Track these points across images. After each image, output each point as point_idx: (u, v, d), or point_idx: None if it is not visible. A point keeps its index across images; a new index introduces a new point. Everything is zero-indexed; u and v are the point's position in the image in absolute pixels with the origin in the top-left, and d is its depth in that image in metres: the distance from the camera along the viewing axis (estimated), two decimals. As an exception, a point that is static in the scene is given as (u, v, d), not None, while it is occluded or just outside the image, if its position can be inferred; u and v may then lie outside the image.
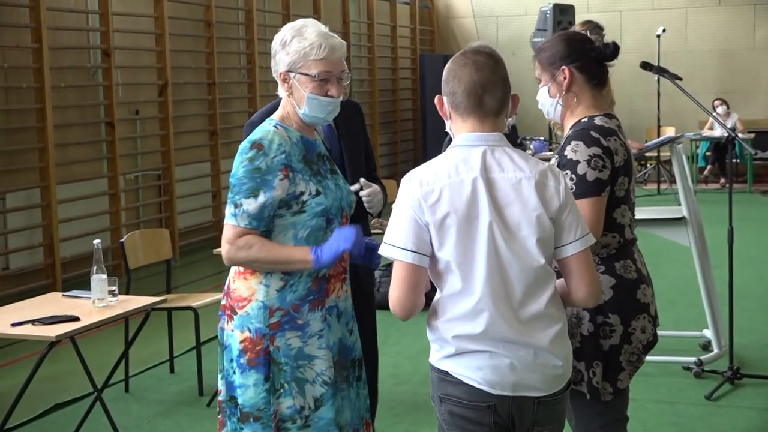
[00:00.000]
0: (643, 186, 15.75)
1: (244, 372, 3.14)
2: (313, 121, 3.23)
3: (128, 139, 10.33)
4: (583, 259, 2.73)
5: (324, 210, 3.14)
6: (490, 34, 17.94)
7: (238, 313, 3.16)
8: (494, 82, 2.74)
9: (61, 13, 9.44)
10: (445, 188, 2.65)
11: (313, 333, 3.16)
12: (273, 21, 13.22)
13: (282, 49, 3.19)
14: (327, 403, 3.17)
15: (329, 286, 3.21)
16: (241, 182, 3.07)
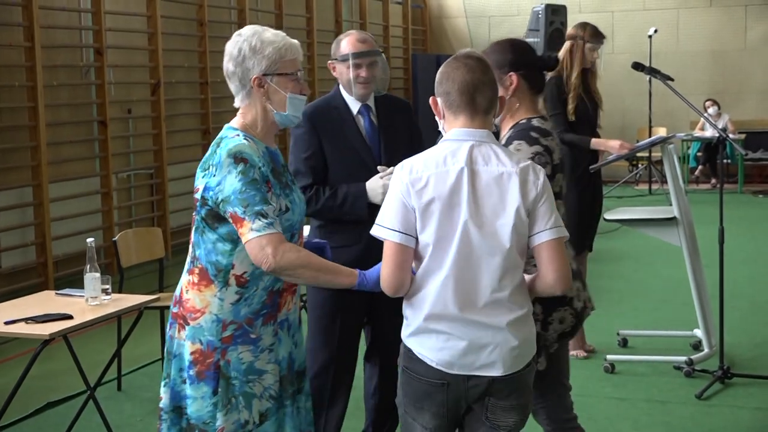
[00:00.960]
0: (635, 186, 15.79)
1: (193, 384, 3.10)
2: (291, 122, 3.21)
3: (121, 137, 10.32)
4: (554, 247, 2.92)
5: (290, 226, 3.13)
6: (482, 34, 17.96)
7: (190, 323, 3.11)
8: (485, 83, 2.97)
9: (53, 12, 9.43)
10: (432, 176, 2.89)
11: (265, 347, 3.13)
12: (266, 20, 13.21)
13: (254, 54, 3.10)
14: (271, 417, 3.15)
15: (282, 299, 3.17)
16: (249, 194, 2.97)
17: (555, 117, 6.19)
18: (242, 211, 2.98)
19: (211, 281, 3.09)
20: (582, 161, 6.17)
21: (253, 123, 3.16)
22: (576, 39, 6.20)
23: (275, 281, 3.11)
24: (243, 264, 3.07)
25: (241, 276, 3.07)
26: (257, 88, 3.13)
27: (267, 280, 3.10)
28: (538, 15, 12.86)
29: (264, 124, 3.16)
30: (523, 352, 2.95)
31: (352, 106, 4.26)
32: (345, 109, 4.25)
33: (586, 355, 6.38)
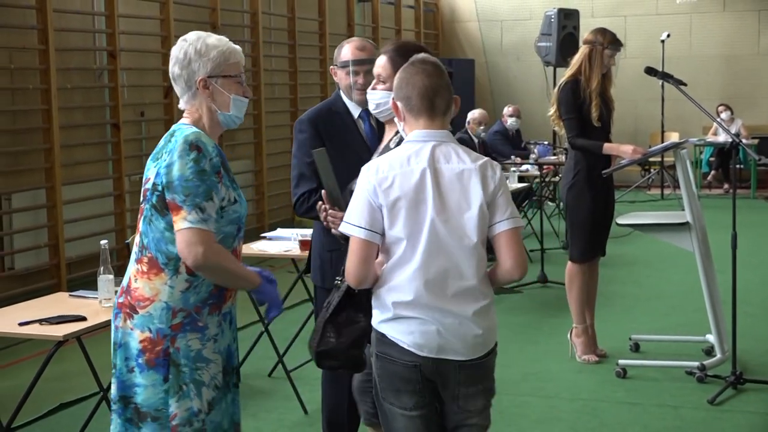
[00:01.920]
0: (647, 191, 15.76)
1: (143, 372, 3.14)
2: (234, 122, 3.30)
3: (133, 140, 10.36)
4: (511, 236, 3.12)
5: (238, 218, 3.20)
6: (494, 38, 17.97)
7: (139, 312, 3.15)
8: (443, 87, 3.20)
9: (67, 15, 9.47)
10: (397, 176, 3.09)
11: (211, 336, 3.19)
12: (278, 24, 13.25)
13: (200, 57, 3.22)
14: (216, 406, 3.21)
15: (227, 292, 3.25)
16: (194, 184, 3.06)
17: (568, 121, 6.19)
18: (182, 200, 3.06)
19: (161, 269, 3.14)
20: (595, 166, 6.16)
21: (199, 123, 3.25)
22: (595, 44, 6.19)
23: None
24: None
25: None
26: (202, 90, 3.23)
27: None
28: (551, 19, 12.86)
29: (210, 124, 3.26)
30: (486, 339, 3.17)
31: (353, 110, 4.34)
32: (346, 114, 4.33)
33: (598, 359, 6.38)
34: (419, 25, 17.54)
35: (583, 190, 6.23)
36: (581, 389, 5.90)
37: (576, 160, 6.28)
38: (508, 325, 7.55)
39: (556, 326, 7.20)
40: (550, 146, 12.51)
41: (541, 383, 6.03)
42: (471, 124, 10.56)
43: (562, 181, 6.57)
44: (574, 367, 6.33)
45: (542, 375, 6.19)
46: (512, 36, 17.72)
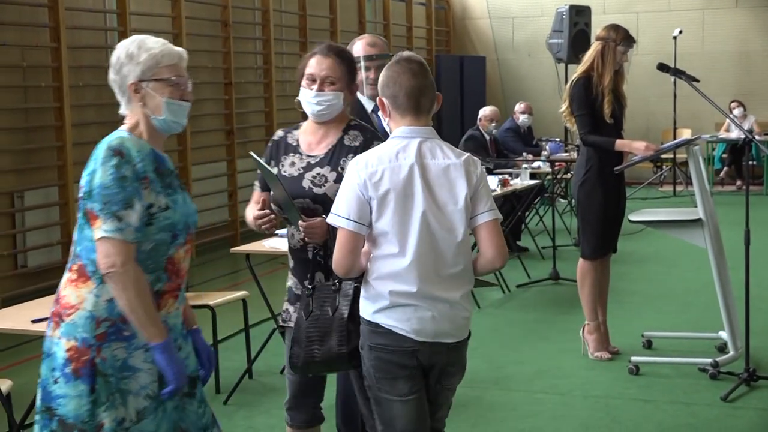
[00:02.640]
0: (659, 188, 15.72)
1: (69, 382, 3.05)
2: (171, 127, 3.19)
3: (145, 138, 10.35)
4: (492, 227, 3.31)
5: (171, 225, 3.10)
6: (505, 36, 17.94)
7: (65, 320, 3.07)
8: (427, 86, 3.35)
9: (79, 13, 9.49)
10: (387, 170, 3.23)
11: (139, 345, 3.08)
12: (289, 21, 13.25)
13: (130, 61, 3.14)
14: (149, 416, 3.11)
15: (161, 301, 3.13)
16: (112, 191, 2.98)
17: (580, 118, 6.18)
18: (99, 208, 2.99)
19: (88, 278, 3.07)
20: (607, 163, 6.15)
21: (136, 129, 3.16)
22: (608, 41, 6.17)
23: (155, 281, 3.10)
24: None
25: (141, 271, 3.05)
26: (134, 94, 3.15)
27: (147, 279, 3.08)
28: (562, 16, 12.85)
29: (147, 129, 3.16)
30: (469, 321, 3.39)
31: (366, 105, 4.45)
32: (360, 109, 4.40)
33: (611, 356, 6.36)
34: (430, 22, 17.52)
35: (594, 187, 6.21)
36: (594, 386, 5.89)
37: (587, 157, 6.26)
38: (521, 322, 7.55)
39: (568, 323, 7.19)
40: (562, 143, 12.49)
41: (554, 380, 6.02)
42: (482, 121, 10.54)
43: (573, 178, 6.55)
44: (587, 364, 6.31)
45: (555, 372, 6.18)
46: (524, 33, 17.69)
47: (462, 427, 5.30)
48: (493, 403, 5.67)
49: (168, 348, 3.06)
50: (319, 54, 3.78)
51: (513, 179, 9.50)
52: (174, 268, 3.16)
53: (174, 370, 3.07)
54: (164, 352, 3.05)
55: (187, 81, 3.22)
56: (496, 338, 7.07)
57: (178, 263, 3.18)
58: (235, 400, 5.78)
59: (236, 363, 6.30)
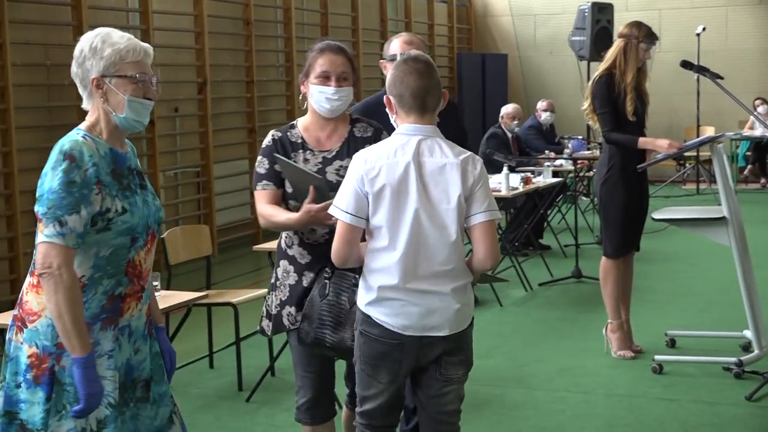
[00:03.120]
0: (682, 186, 15.65)
1: (30, 388, 3.01)
2: (132, 125, 3.11)
3: (167, 136, 10.41)
4: (485, 228, 3.35)
5: (129, 228, 3.04)
6: (527, 33, 17.89)
7: (28, 326, 3.03)
8: (434, 86, 3.41)
9: (102, 12, 9.53)
10: (384, 167, 3.31)
11: (103, 353, 3.03)
12: (311, 19, 13.26)
13: (93, 55, 3.05)
14: (110, 425, 3.04)
15: (124, 305, 3.09)
16: (59, 196, 2.91)
17: (603, 116, 6.15)
18: (44, 212, 2.94)
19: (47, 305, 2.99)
20: (629, 161, 6.12)
21: (96, 125, 3.10)
22: (630, 38, 6.14)
23: (116, 285, 3.06)
24: (81, 267, 3.01)
25: (78, 280, 2.99)
26: (95, 89, 3.07)
27: (107, 285, 3.04)
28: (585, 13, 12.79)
29: (107, 126, 3.10)
30: (465, 314, 3.40)
31: None
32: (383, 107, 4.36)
33: (634, 355, 6.34)
34: (452, 20, 17.49)
35: (617, 185, 6.18)
36: (617, 385, 5.87)
37: (610, 155, 6.23)
38: (543, 320, 7.53)
39: (591, 321, 7.16)
40: (584, 141, 12.45)
41: (577, 379, 6.00)
42: (504, 119, 10.52)
43: (595, 176, 6.52)
44: (610, 362, 6.29)
45: (577, 370, 6.16)
46: (546, 30, 17.63)
47: (484, 425, 5.29)
48: (516, 401, 5.65)
49: (87, 364, 2.94)
50: (330, 52, 3.85)
51: (535, 177, 9.47)
52: (135, 270, 3.11)
53: (87, 389, 2.94)
54: (81, 367, 2.94)
55: (152, 78, 3.13)
56: (519, 336, 7.06)
57: (140, 265, 3.12)
58: (257, 397, 5.79)
59: (258, 360, 6.31)
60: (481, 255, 3.37)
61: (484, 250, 3.36)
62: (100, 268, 3.02)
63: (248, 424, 5.43)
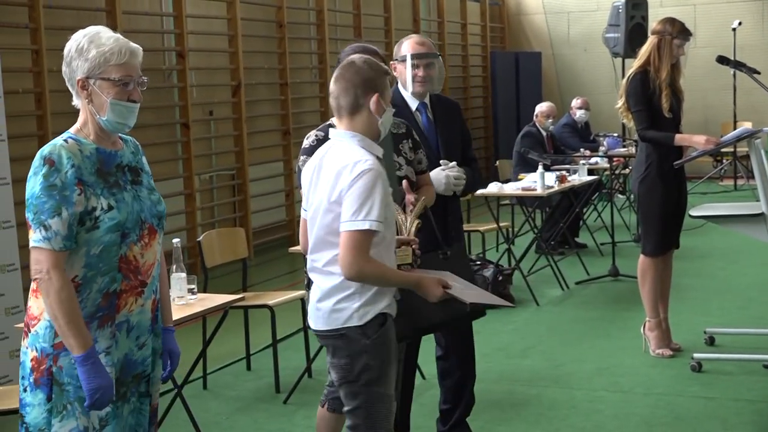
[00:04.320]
0: (719, 182, 15.50)
1: (32, 391, 3.06)
2: (115, 128, 3.12)
3: (203, 139, 10.46)
4: (343, 237, 3.36)
5: (117, 224, 3.04)
6: (561, 31, 17.82)
7: (31, 331, 3.08)
8: (342, 89, 3.48)
9: (136, 17, 9.59)
10: (309, 167, 3.59)
11: (100, 350, 3.05)
12: (344, 21, 13.28)
13: (79, 56, 3.06)
14: (112, 422, 3.08)
15: (120, 301, 3.10)
16: (41, 201, 2.96)
17: (638, 114, 6.11)
18: (31, 218, 2.98)
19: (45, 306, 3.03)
20: (667, 158, 6.07)
21: (85, 125, 3.12)
22: (663, 34, 6.10)
23: (110, 283, 3.07)
24: (73, 268, 3.03)
25: (72, 280, 3.02)
26: (81, 90, 3.08)
27: (101, 282, 3.06)
28: (618, 10, 12.73)
29: (94, 127, 3.11)
30: (335, 317, 3.47)
31: (410, 103, 4.60)
32: (404, 106, 4.55)
33: (672, 353, 6.29)
34: (485, 19, 17.46)
35: (655, 183, 6.14)
36: (656, 384, 5.83)
37: (647, 153, 6.19)
38: (581, 319, 7.49)
39: (628, 320, 7.12)
40: (620, 138, 12.36)
41: (615, 378, 5.97)
42: (539, 117, 10.48)
43: (633, 174, 6.47)
44: (648, 361, 6.25)
45: (616, 369, 6.12)
46: (579, 27, 17.55)
47: (522, 425, 5.27)
48: (554, 401, 5.63)
49: (86, 361, 2.97)
50: (374, 56, 3.93)
51: (570, 175, 9.43)
52: (130, 266, 3.10)
53: (90, 384, 2.98)
54: (81, 365, 2.97)
55: (138, 80, 3.13)
56: (556, 336, 7.03)
57: (134, 261, 3.11)
58: (294, 399, 5.80)
59: (295, 362, 6.32)
60: (339, 263, 3.39)
61: (341, 260, 3.37)
62: (92, 266, 3.04)
63: (286, 426, 5.45)
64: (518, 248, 9.13)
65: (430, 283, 3.48)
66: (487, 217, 9.65)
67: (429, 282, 3.48)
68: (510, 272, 8.17)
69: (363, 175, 3.35)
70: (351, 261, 3.34)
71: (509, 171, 10.34)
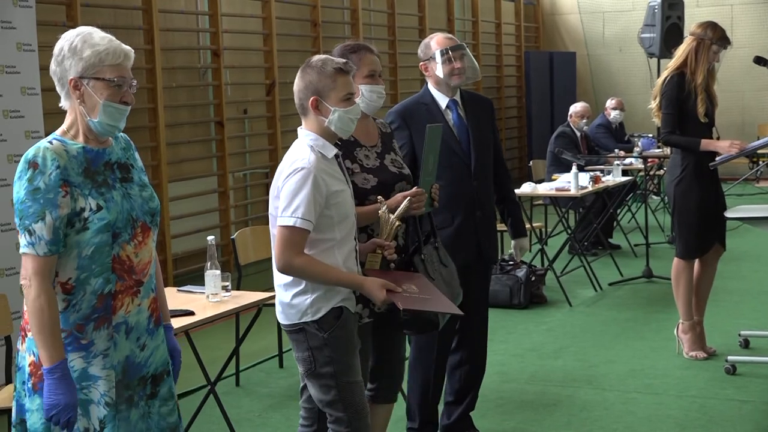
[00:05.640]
0: (755, 183, 15.36)
1: (31, 396, 3.03)
2: (106, 130, 3.06)
3: (237, 137, 10.51)
4: (277, 233, 3.52)
5: (108, 225, 2.99)
6: (596, 31, 17.73)
7: (28, 335, 3.04)
8: (295, 93, 3.66)
9: (172, 15, 9.65)
10: None
11: (98, 352, 3.02)
12: (378, 20, 13.29)
13: (73, 55, 2.99)
14: (109, 425, 3.03)
15: (116, 302, 3.05)
16: (26, 205, 2.92)
17: (666, 116, 6.06)
18: (18, 223, 2.96)
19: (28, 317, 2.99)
20: (704, 159, 6.02)
21: (72, 126, 3.07)
22: (703, 38, 6.04)
23: (104, 284, 3.02)
24: (66, 271, 3.00)
25: (66, 283, 2.99)
26: (73, 90, 3.02)
27: (95, 284, 3.01)
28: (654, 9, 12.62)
29: (83, 128, 3.06)
30: (287, 312, 3.64)
31: (440, 101, 4.63)
32: (434, 105, 4.60)
33: (706, 356, 6.25)
34: (519, 18, 17.41)
35: (691, 185, 6.09)
36: (689, 386, 5.79)
37: (683, 155, 6.14)
38: (614, 320, 7.46)
39: (662, 322, 7.08)
40: (654, 139, 12.28)
41: (649, 380, 5.94)
42: (573, 118, 10.44)
43: (668, 176, 6.42)
44: (682, 363, 6.21)
45: (649, 371, 6.09)
46: (614, 27, 17.45)
47: (555, 426, 5.26)
48: (586, 402, 5.61)
49: (50, 375, 2.93)
50: (369, 52, 4.02)
51: (605, 176, 9.38)
52: (124, 266, 3.06)
53: (48, 400, 2.93)
54: (46, 377, 2.93)
55: (131, 82, 3.07)
56: (589, 337, 7.00)
57: (128, 260, 3.07)
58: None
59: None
60: None
61: (273, 252, 3.52)
62: (85, 268, 3.00)
63: (318, 424, 5.46)
64: (551, 248, 9.10)
65: (372, 285, 3.52)
66: (520, 217, 9.61)
67: (372, 284, 3.52)
68: (543, 273, 8.16)
69: (295, 174, 3.48)
70: (278, 254, 3.51)
71: (543, 171, 10.31)
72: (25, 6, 6.09)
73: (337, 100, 3.57)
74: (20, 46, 6.03)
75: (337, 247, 3.58)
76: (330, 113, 3.56)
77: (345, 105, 3.57)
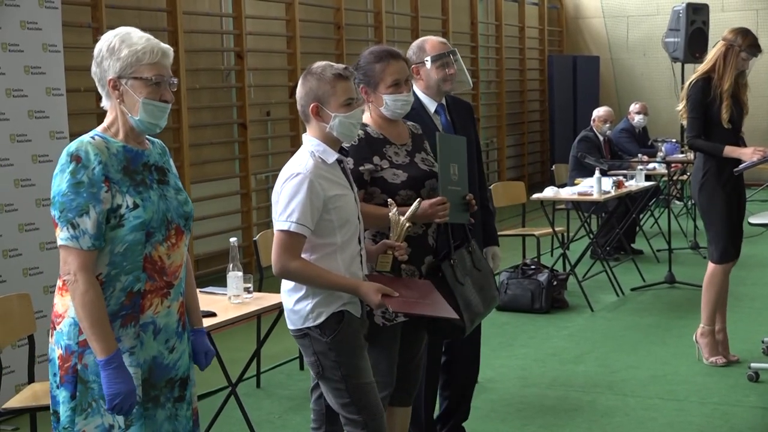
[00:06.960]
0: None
1: (60, 388, 3.07)
2: (147, 128, 3.09)
3: (260, 139, 10.54)
4: (274, 236, 3.54)
5: (143, 223, 3.02)
6: (620, 35, 17.66)
7: (56, 328, 3.07)
8: (297, 100, 3.71)
9: (196, 17, 9.69)
10: None
11: (124, 350, 3.03)
12: (402, 23, 13.30)
13: (111, 56, 3.04)
14: (137, 422, 3.05)
15: (144, 301, 3.06)
16: (68, 198, 2.94)
17: (691, 120, 6.03)
18: (57, 216, 2.97)
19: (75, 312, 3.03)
20: (725, 164, 5.99)
21: (113, 125, 3.10)
22: (733, 44, 6.01)
23: (134, 282, 3.04)
24: (97, 266, 3.01)
25: (96, 278, 3.01)
26: (112, 90, 3.06)
27: (125, 281, 3.04)
28: (679, 14, 12.57)
29: (124, 128, 3.09)
30: (290, 318, 3.66)
31: (428, 105, 4.58)
32: (422, 109, 4.53)
33: (726, 361, 6.20)
34: (543, 22, 17.38)
35: (715, 190, 6.05)
36: (711, 393, 5.76)
37: (705, 159, 6.11)
38: (636, 326, 7.43)
39: (684, 328, 7.05)
40: (678, 144, 12.23)
41: (670, 386, 5.91)
42: (596, 122, 10.40)
43: (692, 181, 6.39)
44: (704, 369, 6.18)
45: (671, 377, 6.06)
46: (638, 32, 17.38)
47: (575, 431, 5.24)
48: (608, 408, 5.59)
49: (107, 366, 2.96)
50: (393, 59, 3.94)
51: (628, 181, 9.34)
52: (155, 266, 3.08)
53: (109, 389, 2.96)
54: (103, 369, 2.97)
55: (170, 80, 3.11)
56: (610, 342, 6.97)
57: (160, 261, 3.09)
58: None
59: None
60: None
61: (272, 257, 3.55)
62: (116, 264, 3.02)
63: (338, 426, 5.46)
64: (573, 253, 9.07)
65: (368, 289, 3.52)
66: (542, 222, 9.61)
67: (367, 288, 3.53)
68: (565, 277, 8.13)
69: (291, 179, 3.51)
70: (275, 258, 3.53)
71: (565, 175, 10.28)
72: (51, 7, 6.13)
73: (338, 106, 3.57)
74: (46, 47, 6.06)
75: (339, 252, 3.58)
76: (331, 119, 3.57)
77: (345, 110, 3.56)
